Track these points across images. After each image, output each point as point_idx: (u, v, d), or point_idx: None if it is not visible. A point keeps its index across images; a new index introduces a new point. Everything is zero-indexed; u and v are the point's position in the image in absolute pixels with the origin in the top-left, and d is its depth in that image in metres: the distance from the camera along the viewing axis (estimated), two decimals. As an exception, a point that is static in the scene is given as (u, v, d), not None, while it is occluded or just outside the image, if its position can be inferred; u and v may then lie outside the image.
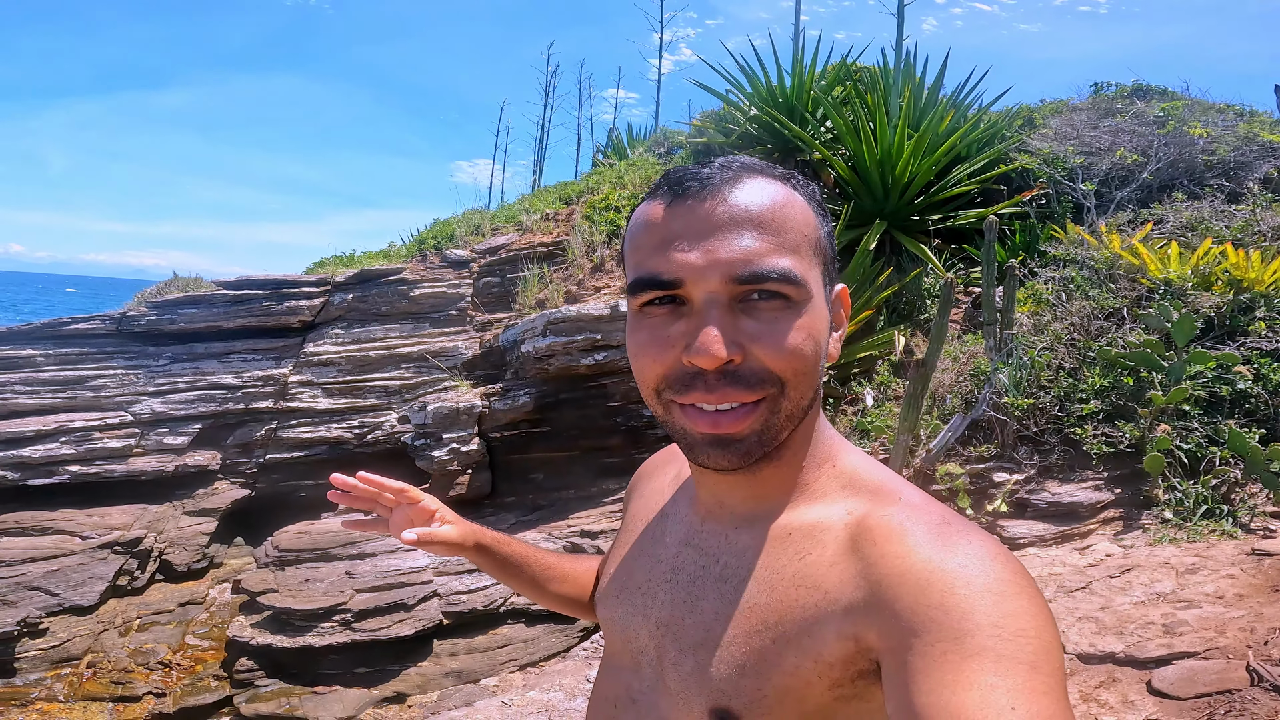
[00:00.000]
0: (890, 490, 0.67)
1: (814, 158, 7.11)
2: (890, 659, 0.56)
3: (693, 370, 0.63)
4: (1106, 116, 6.24)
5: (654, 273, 0.64)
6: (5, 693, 5.09)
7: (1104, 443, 3.67)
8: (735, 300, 0.63)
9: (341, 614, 5.44)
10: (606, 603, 0.84)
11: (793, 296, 0.63)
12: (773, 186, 0.65)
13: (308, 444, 6.94)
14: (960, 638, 0.52)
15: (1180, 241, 4.41)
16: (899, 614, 0.57)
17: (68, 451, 6.00)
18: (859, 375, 5.75)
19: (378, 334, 7.21)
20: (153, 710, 5.07)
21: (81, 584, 5.54)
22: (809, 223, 0.66)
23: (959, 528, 0.61)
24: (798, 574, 0.65)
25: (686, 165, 0.68)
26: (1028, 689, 0.49)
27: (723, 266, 0.61)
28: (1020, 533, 3.64)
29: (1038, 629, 0.53)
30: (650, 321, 0.66)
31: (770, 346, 0.62)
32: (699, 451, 0.65)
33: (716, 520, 0.74)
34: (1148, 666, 2.37)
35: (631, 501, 0.93)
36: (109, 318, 6.47)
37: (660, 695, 0.73)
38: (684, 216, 0.64)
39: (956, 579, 0.56)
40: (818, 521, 0.68)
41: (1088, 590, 2.93)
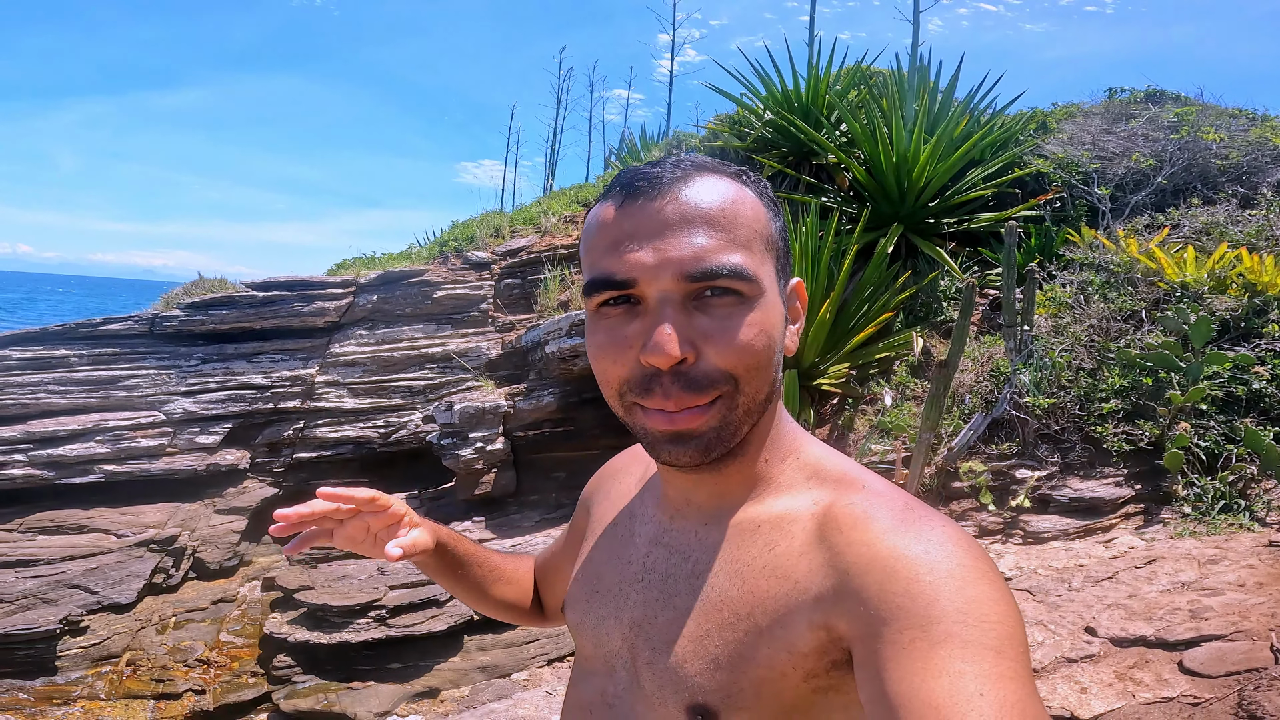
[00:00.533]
0: (854, 479, 0.69)
1: (829, 161, 7.24)
2: (860, 647, 0.57)
3: (650, 371, 0.63)
4: (1120, 121, 6.38)
5: (607, 273, 0.64)
6: (48, 691, 5.19)
7: (1124, 440, 3.82)
8: (689, 298, 0.63)
9: (376, 610, 5.55)
10: (576, 608, 0.83)
11: (745, 292, 0.63)
12: (723, 184, 0.66)
13: (334, 443, 7.08)
14: (926, 624, 0.53)
15: (1196, 246, 4.55)
16: (866, 601, 0.58)
17: (102, 450, 6.13)
18: (877, 375, 5.88)
19: (401, 334, 7.35)
20: (193, 707, 5.17)
21: (119, 582, 5.65)
22: (760, 219, 0.67)
23: (922, 514, 0.62)
24: (767, 565, 0.66)
25: (639, 165, 0.68)
26: (995, 674, 0.50)
27: (674, 265, 0.62)
28: (1044, 527, 3.79)
29: (1001, 615, 0.54)
30: (607, 323, 0.66)
31: (722, 344, 0.63)
32: (660, 449, 0.66)
33: (685, 518, 0.74)
34: (1178, 648, 2.52)
35: (595, 504, 0.92)
36: (141, 318, 6.61)
37: (636, 698, 0.73)
38: (635, 216, 0.64)
39: (920, 565, 0.57)
40: (785, 512, 0.69)
41: (1114, 580, 3.07)
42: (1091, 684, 2.47)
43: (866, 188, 6.68)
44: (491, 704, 4.50)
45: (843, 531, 0.63)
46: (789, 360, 5.77)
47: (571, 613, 0.83)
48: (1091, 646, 2.67)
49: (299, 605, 5.66)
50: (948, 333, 5.79)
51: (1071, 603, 2.99)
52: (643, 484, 0.85)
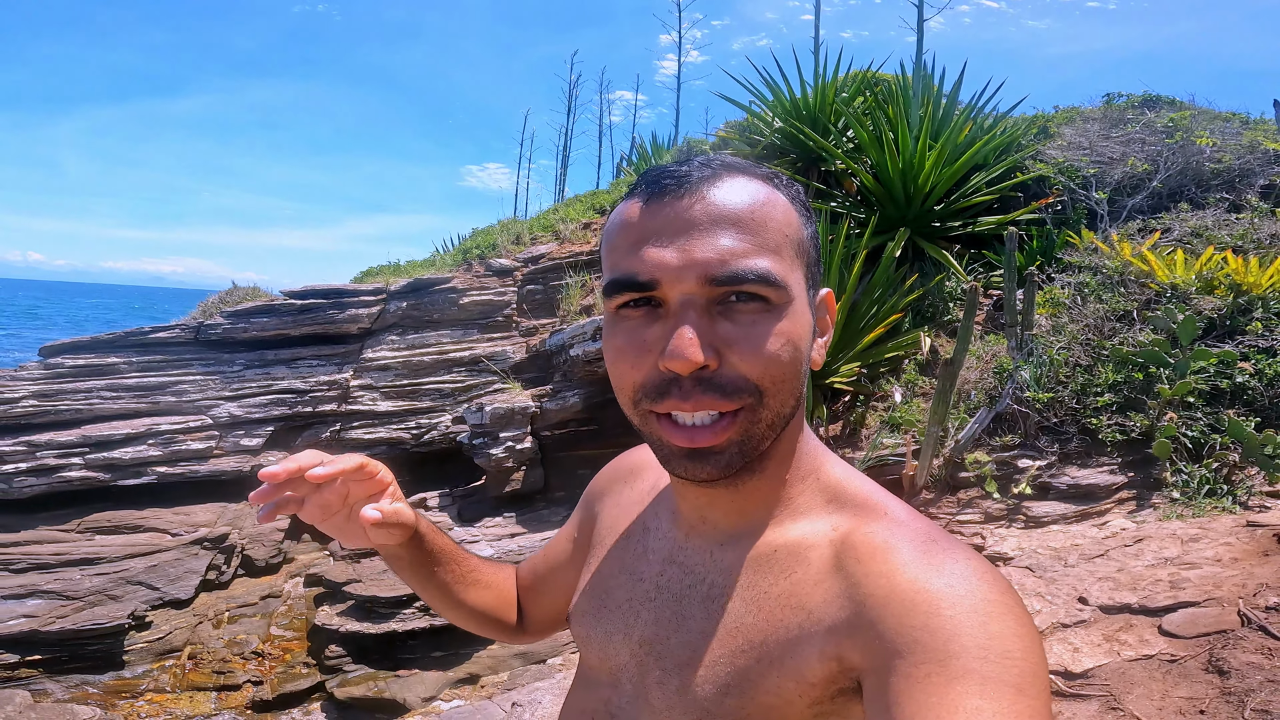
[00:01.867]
0: (875, 505, 0.67)
1: (837, 168, 7.54)
2: (872, 679, 0.56)
3: (669, 376, 0.61)
4: (1117, 126, 6.68)
5: (629, 273, 0.62)
6: (118, 685, 5.42)
7: (1117, 431, 4.13)
8: (713, 302, 0.61)
9: (421, 601, 5.86)
10: (583, 621, 0.81)
11: (772, 299, 0.61)
12: (754, 185, 0.63)
13: (369, 444, 7.42)
14: (945, 659, 0.52)
15: (1185, 249, 4.86)
16: (883, 634, 0.56)
17: (155, 453, 6.49)
18: (887, 374, 6.18)
19: (430, 339, 7.69)
20: (253, 697, 5.42)
21: (178, 578, 5.96)
22: (791, 223, 0.64)
23: (945, 545, 0.60)
24: (783, 593, 0.65)
25: (666, 163, 0.66)
26: (1014, 713, 0.49)
27: (699, 267, 0.60)
28: (1044, 512, 4.10)
29: (1024, 651, 0.53)
30: (626, 325, 0.64)
31: (747, 352, 0.60)
32: (675, 464, 0.64)
33: (700, 537, 0.72)
34: (1158, 614, 2.83)
35: (603, 508, 0.89)
36: (187, 326, 6.97)
37: (642, 711, 0.72)
38: (660, 215, 0.62)
39: (943, 599, 0.55)
40: (802, 538, 0.67)
41: (1105, 557, 3.39)
42: (1082, 644, 2.79)
43: (874, 193, 6.97)
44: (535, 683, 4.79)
45: (862, 562, 0.61)
46: (803, 360, 6.10)
47: (578, 625, 0.82)
48: (1083, 613, 2.98)
49: (347, 598, 5.97)
50: (954, 332, 6.09)
51: (1067, 577, 3.31)
52: (655, 493, 0.83)
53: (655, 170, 0.65)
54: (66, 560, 5.86)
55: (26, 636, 5.33)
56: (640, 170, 10.60)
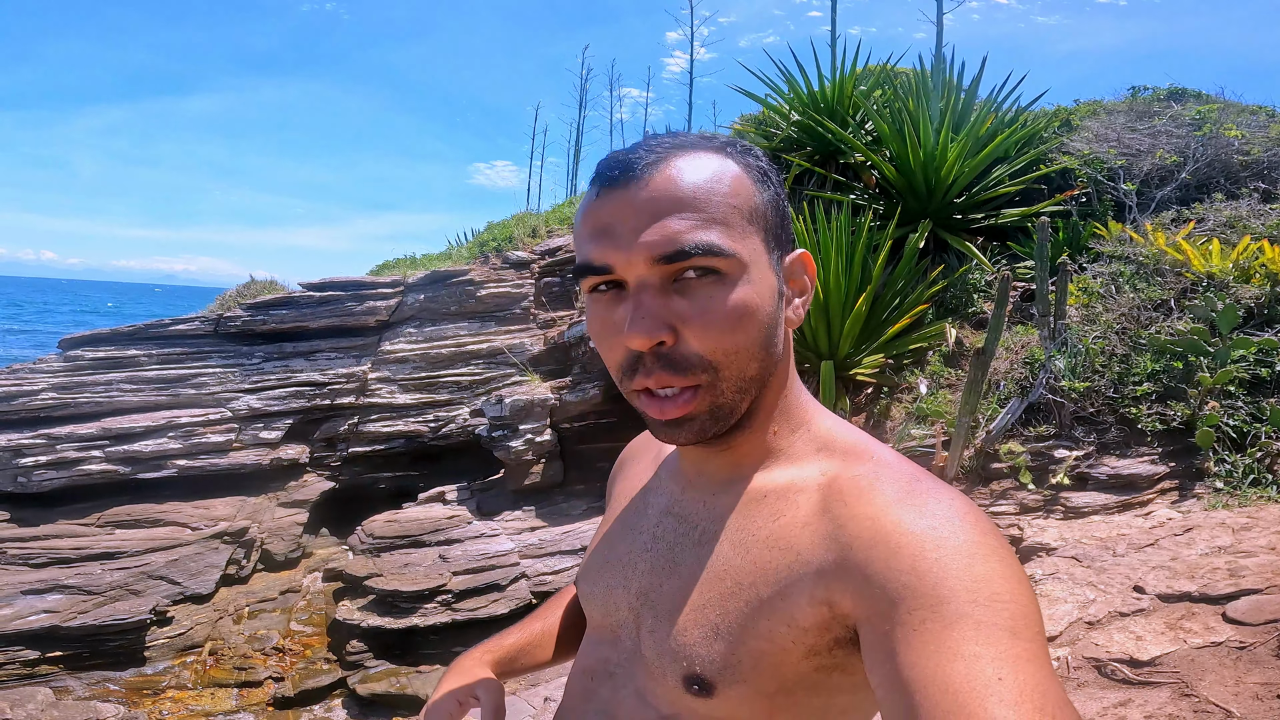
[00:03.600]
0: (863, 449, 0.68)
1: (856, 160, 7.52)
2: (868, 628, 0.56)
3: (636, 354, 0.64)
4: (1144, 119, 6.66)
5: (587, 260, 0.65)
6: (139, 682, 5.38)
7: (1158, 421, 4.11)
8: (667, 280, 0.63)
9: (443, 595, 5.82)
10: (587, 578, 0.83)
11: (723, 270, 0.63)
12: (699, 161, 0.65)
13: (387, 437, 7.39)
14: (936, 605, 0.52)
15: (1221, 238, 4.84)
16: (871, 579, 0.57)
17: (175, 446, 6.45)
18: (911, 365, 6.17)
19: (448, 332, 7.66)
20: (274, 694, 5.38)
21: (199, 573, 5.94)
22: (741, 192, 0.65)
23: (929, 485, 0.61)
24: (771, 535, 0.66)
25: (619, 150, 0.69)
26: (1011, 656, 0.49)
27: (643, 249, 0.62)
28: (1084, 502, 4.08)
29: (1012, 592, 0.53)
30: (598, 307, 0.67)
31: (698, 326, 0.63)
32: (657, 431, 0.67)
33: (697, 489, 0.74)
34: (1220, 602, 2.81)
35: (616, 488, 0.92)
36: (207, 319, 6.93)
37: (637, 665, 0.73)
38: (611, 203, 0.65)
39: (927, 541, 0.56)
40: (791, 482, 0.68)
41: (1156, 546, 3.37)
42: (1145, 633, 2.77)
43: (895, 185, 6.94)
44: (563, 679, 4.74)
45: (847, 504, 0.62)
46: (825, 352, 6.08)
47: (583, 583, 0.84)
48: (1141, 602, 2.96)
49: (368, 592, 5.93)
50: (979, 324, 6.08)
51: (1118, 566, 3.29)
52: (657, 461, 0.86)
53: (607, 158, 0.68)
54: (87, 554, 5.82)
55: (47, 632, 5.30)
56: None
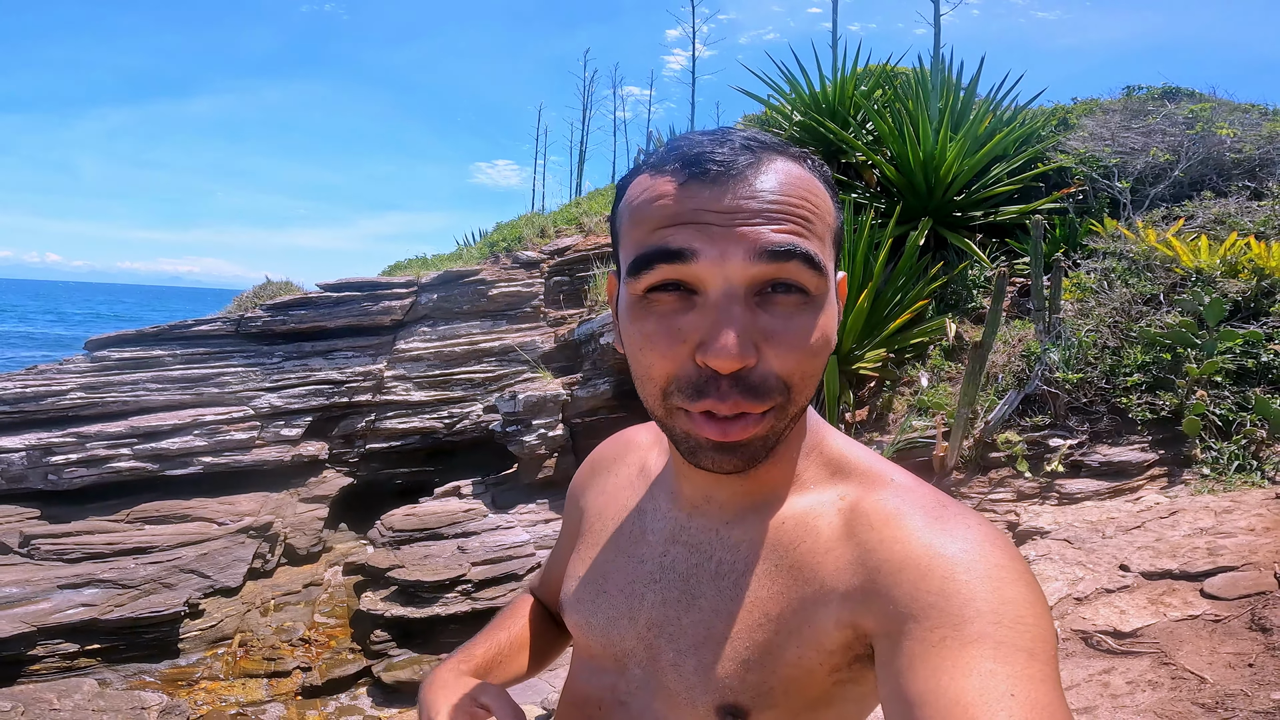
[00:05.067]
0: (879, 473, 0.67)
1: (858, 160, 7.69)
2: (885, 643, 0.56)
3: (707, 373, 0.58)
4: (1138, 117, 6.84)
5: (663, 245, 0.58)
6: (174, 674, 5.56)
7: (1148, 410, 4.30)
8: (752, 292, 0.58)
9: (463, 585, 6.01)
10: (579, 608, 0.79)
11: (812, 289, 0.59)
12: (795, 170, 0.60)
13: (403, 434, 7.60)
14: (960, 624, 0.53)
15: (1209, 235, 5.02)
16: (897, 600, 0.56)
17: (200, 443, 6.66)
18: (913, 360, 6.35)
19: (460, 331, 7.86)
20: (303, 683, 5.56)
21: (227, 566, 6.10)
22: (829, 210, 0.62)
23: (955, 511, 0.61)
24: (794, 564, 0.65)
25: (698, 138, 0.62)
26: (1026, 676, 0.50)
27: (748, 242, 0.57)
28: (1077, 489, 4.27)
29: (1035, 617, 0.54)
30: (658, 309, 0.60)
31: (784, 348, 0.58)
32: (701, 455, 0.62)
33: (705, 516, 0.72)
34: (1198, 579, 3.00)
35: (587, 500, 0.87)
36: (229, 319, 7.15)
37: (655, 696, 0.71)
38: (701, 197, 0.58)
39: (957, 565, 0.56)
40: (809, 509, 0.67)
41: (1142, 528, 3.56)
42: (1128, 607, 2.96)
43: (895, 184, 7.12)
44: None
45: (874, 529, 0.62)
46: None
47: (574, 614, 0.80)
48: (1126, 579, 3.16)
49: (390, 583, 6.11)
50: (978, 319, 6.26)
51: (1106, 547, 3.48)
52: (644, 476, 0.82)
53: (689, 146, 0.60)
54: (120, 549, 6.02)
55: (86, 625, 5.45)
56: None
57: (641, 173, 0.63)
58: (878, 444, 5.54)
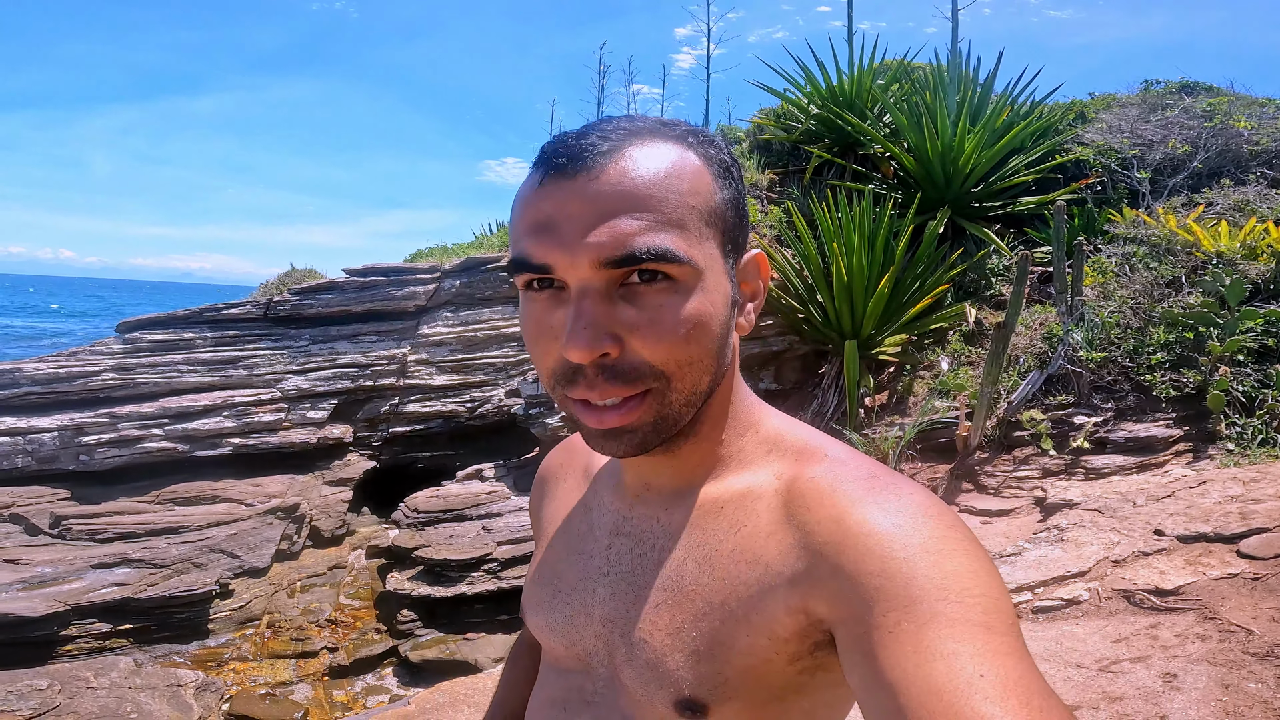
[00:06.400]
0: (815, 448, 0.67)
1: (875, 151, 7.83)
2: (843, 631, 0.56)
3: (574, 364, 0.59)
4: (1156, 111, 7.00)
5: (523, 255, 0.60)
6: (204, 654, 5.55)
7: (1171, 387, 4.45)
8: (613, 284, 0.58)
9: (489, 564, 6.08)
10: (538, 610, 0.79)
11: (676, 276, 0.58)
12: (658, 152, 0.60)
13: (425, 418, 7.69)
14: (909, 605, 0.52)
15: (1229, 221, 5.18)
16: (843, 583, 0.56)
17: (230, 425, 6.74)
18: (932, 345, 6.49)
19: (482, 316, 7.95)
20: (330, 663, 5.57)
21: (256, 547, 6.12)
22: (700, 191, 0.61)
23: (887, 481, 0.61)
24: (735, 549, 0.64)
25: (567, 132, 0.62)
26: (990, 651, 0.50)
27: (591, 250, 0.57)
28: (1103, 464, 4.40)
29: (982, 586, 0.53)
30: (534, 307, 0.61)
31: (649, 337, 0.58)
32: (593, 443, 0.63)
33: (646, 504, 0.72)
34: (1233, 540, 3.14)
35: (544, 506, 0.88)
36: (258, 303, 7.24)
37: (619, 694, 0.70)
38: (555, 195, 0.59)
39: (894, 541, 0.55)
40: (748, 489, 0.66)
41: (1172, 497, 3.69)
42: (1168, 568, 3.09)
43: (914, 175, 7.26)
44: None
45: (809, 508, 0.61)
46: (848, 332, 6.39)
47: (535, 615, 0.79)
48: (1162, 543, 3.29)
49: (417, 563, 6.18)
50: (997, 306, 6.40)
51: (1138, 515, 3.61)
52: (589, 476, 0.82)
53: (554, 141, 0.61)
54: (152, 529, 6.07)
55: (120, 604, 5.44)
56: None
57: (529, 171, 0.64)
58: (899, 425, 5.66)
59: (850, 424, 5.90)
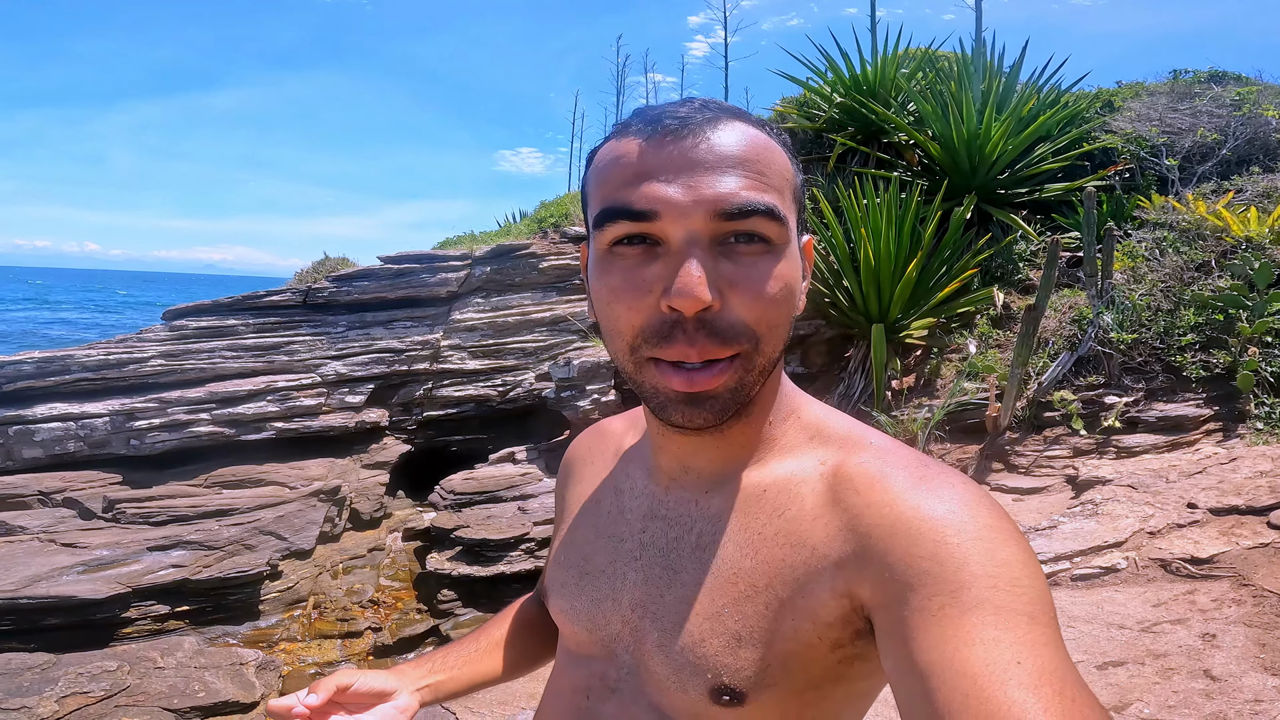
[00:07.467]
0: (858, 437, 0.67)
1: (899, 140, 7.92)
2: (883, 614, 0.56)
3: (672, 318, 0.59)
4: (1185, 100, 7.08)
5: (625, 203, 0.60)
6: (255, 635, 5.68)
7: (1201, 367, 4.57)
8: (715, 242, 0.59)
9: (526, 543, 6.24)
10: (564, 593, 0.78)
11: (774, 239, 0.60)
12: (752, 130, 0.63)
13: (458, 401, 7.86)
14: (957, 590, 0.52)
15: (1258, 207, 5.28)
16: (892, 566, 0.56)
17: (273, 409, 6.92)
18: (959, 329, 6.60)
19: (512, 302, 8.11)
20: (374, 643, 5.70)
21: (301, 529, 6.25)
22: (788, 167, 0.64)
23: (938, 471, 0.61)
24: (780, 532, 0.64)
25: (658, 105, 0.65)
26: (1030, 641, 0.49)
27: (707, 202, 0.58)
28: (1134, 443, 4.53)
29: (1030, 578, 0.53)
30: (622, 263, 0.61)
31: (748, 294, 0.59)
32: (672, 410, 0.62)
33: (683, 487, 0.71)
34: (1264, 513, 3.28)
35: (569, 488, 0.88)
36: (297, 290, 7.42)
37: (645, 682, 0.69)
38: (663, 153, 0.60)
39: (948, 527, 0.55)
40: (791, 475, 0.66)
41: (1204, 473, 3.83)
42: (1201, 539, 3.23)
43: (939, 163, 7.34)
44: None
45: (859, 493, 0.61)
46: (876, 315, 6.50)
47: (558, 599, 0.79)
48: (1195, 515, 3.43)
49: (456, 543, 6.33)
50: (1025, 290, 6.50)
51: (1171, 490, 3.75)
52: (620, 458, 0.82)
53: (652, 109, 0.64)
54: (203, 512, 6.21)
55: (177, 586, 5.56)
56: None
57: (608, 141, 0.66)
58: (927, 407, 5.79)
59: (877, 406, 6.04)
